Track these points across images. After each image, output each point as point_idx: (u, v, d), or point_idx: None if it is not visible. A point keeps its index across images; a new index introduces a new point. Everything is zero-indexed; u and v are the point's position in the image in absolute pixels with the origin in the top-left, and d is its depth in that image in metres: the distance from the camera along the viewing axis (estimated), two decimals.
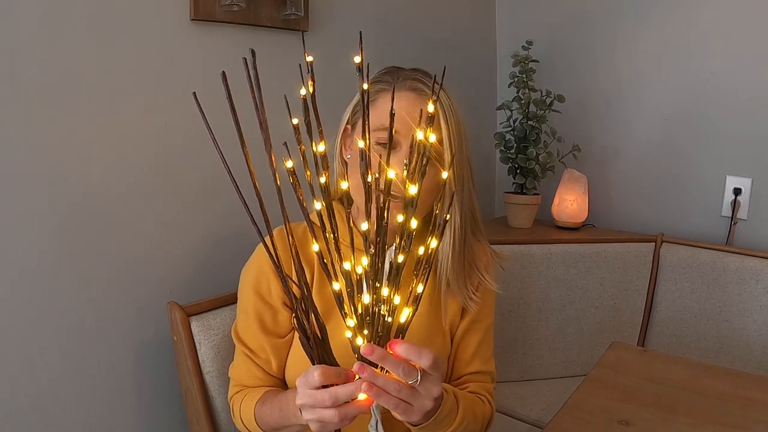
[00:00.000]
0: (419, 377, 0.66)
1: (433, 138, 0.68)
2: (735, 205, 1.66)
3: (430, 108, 0.68)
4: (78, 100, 1.02)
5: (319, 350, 0.69)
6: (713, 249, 1.59)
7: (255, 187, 0.61)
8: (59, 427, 1.06)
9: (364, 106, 0.67)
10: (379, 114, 0.88)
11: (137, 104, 1.10)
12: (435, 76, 0.77)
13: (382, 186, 0.66)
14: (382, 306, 0.66)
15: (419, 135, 0.67)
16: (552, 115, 1.75)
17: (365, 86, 0.67)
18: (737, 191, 1.66)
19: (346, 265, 0.66)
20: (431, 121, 0.67)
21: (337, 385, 0.67)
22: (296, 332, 0.92)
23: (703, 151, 1.72)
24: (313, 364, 0.69)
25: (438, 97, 0.78)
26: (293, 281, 0.67)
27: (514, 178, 1.82)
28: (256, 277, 0.93)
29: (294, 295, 0.66)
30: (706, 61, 1.68)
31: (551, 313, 1.63)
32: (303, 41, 0.71)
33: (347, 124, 0.95)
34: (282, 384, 0.96)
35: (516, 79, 1.77)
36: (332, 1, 1.42)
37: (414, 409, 0.68)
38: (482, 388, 0.99)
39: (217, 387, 1.09)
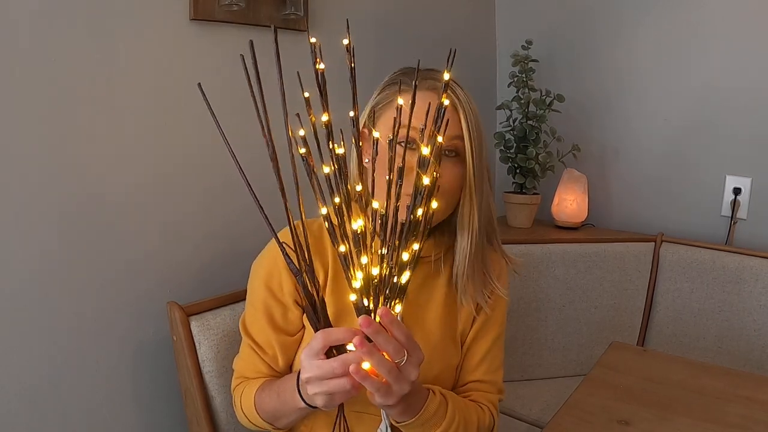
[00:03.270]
0: (405, 358, 0.67)
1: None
2: (734, 204, 1.66)
3: (446, 103, 0.73)
4: (77, 100, 1.02)
5: (325, 323, 0.70)
6: (713, 249, 1.59)
7: (278, 177, 0.62)
8: (59, 427, 1.06)
9: (353, 83, 0.70)
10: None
11: (137, 104, 1.10)
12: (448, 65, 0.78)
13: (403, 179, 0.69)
14: (386, 267, 0.67)
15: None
16: (552, 114, 1.75)
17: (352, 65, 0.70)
18: (737, 191, 1.66)
19: (355, 225, 0.67)
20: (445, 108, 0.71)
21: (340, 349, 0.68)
22: (305, 323, 0.92)
23: (703, 151, 1.72)
24: None
25: (454, 89, 0.79)
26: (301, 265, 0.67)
27: (514, 178, 1.82)
28: (269, 271, 0.92)
29: (299, 268, 0.67)
30: (706, 61, 1.68)
31: (551, 312, 1.63)
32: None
33: (364, 127, 0.93)
34: None
35: (516, 79, 1.77)
36: (332, 1, 1.42)
37: (393, 392, 0.68)
38: (484, 398, 0.97)
39: (217, 387, 1.08)
